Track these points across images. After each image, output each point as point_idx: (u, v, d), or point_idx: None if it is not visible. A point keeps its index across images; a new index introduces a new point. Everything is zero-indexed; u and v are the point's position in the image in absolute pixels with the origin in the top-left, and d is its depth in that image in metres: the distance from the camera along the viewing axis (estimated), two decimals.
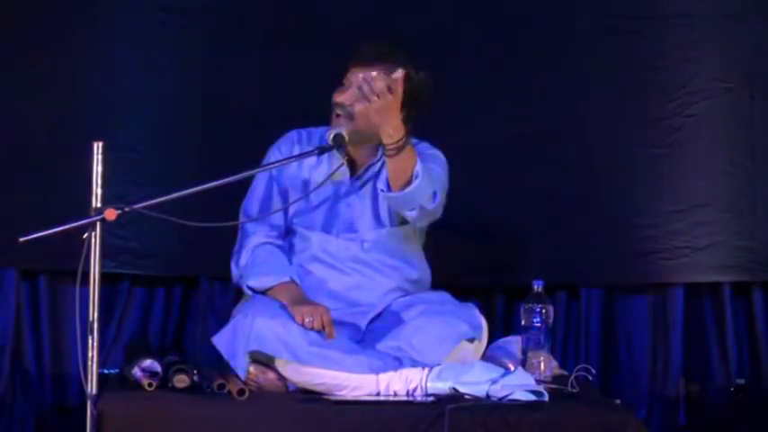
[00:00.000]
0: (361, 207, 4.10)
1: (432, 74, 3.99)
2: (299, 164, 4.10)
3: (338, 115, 4.00)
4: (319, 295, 4.01)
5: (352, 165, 4.09)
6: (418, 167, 3.84)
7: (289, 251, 4.13)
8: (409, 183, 3.84)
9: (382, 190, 3.94)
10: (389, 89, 3.78)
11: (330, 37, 4.59)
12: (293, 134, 4.16)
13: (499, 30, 4.69)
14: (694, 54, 4.68)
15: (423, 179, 3.84)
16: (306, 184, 4.10)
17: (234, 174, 3.94)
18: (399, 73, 3.81)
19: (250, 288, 4.04)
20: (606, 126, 4.71)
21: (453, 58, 4.63)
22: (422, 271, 4.19)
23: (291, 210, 4.12)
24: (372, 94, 3.75)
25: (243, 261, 4.09)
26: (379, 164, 4.08)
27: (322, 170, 4.07)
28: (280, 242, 4.13)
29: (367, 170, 4.10)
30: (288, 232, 4.14)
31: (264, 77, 4.63)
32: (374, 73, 3.86)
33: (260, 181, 4.14)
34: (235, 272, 4.11)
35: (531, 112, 4.69)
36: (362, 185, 4.10)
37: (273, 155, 4.11)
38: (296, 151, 4.07)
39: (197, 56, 4.67)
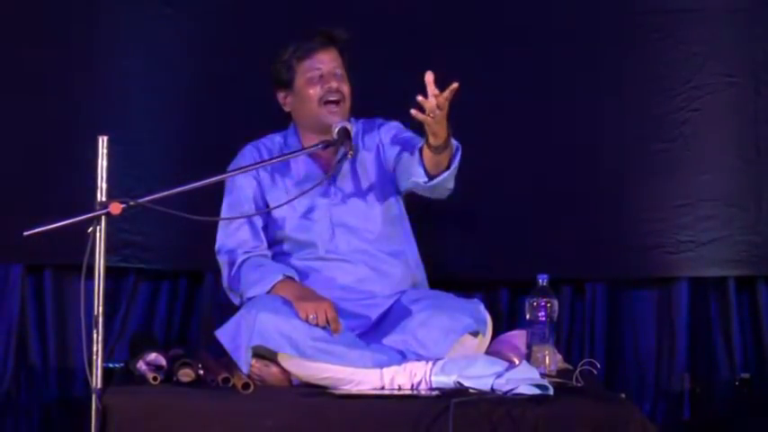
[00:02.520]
0: (348, 201, 4.11)
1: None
2: (281, 179, 4.12)
3: (337, 102, 4.05)
4: (332, 289, 4.01)
5: (326, 166, 4.11)
6: (454, 144, 3.84)
7: (286, 258, 4.12)
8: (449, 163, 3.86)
9: (426, 182, 3.90)
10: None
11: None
12: (250, 148, 4.18)
13: (506, 26, 4.69)
14: (700, 49, 4.68)
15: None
16: (288, 193, 4.11)
17: (240, 168, 3.95)
18: (455, 85, 3.66)
19: (250, 299, 4.01)
20: (611, 120, 4.71)
21: (459, 55, 4.63)
22: (414, 247, 4.20)
23: (280, 219, 4.11)
24: (436, 109, 3.66)
25: (233, 275, 4.07)
26: (347, 158, 4.09)
27: (298, 177, 4.11)
28: (265, 253, 4.12)
29: (338, 166, 4.10)
30: (279, 242, 4.14)
31: (269, 73, 4.62)
32: (435, 91, 3.65)
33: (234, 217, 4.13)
34: (234, 297, 4.09)
35: (535, 107, 4.69)
36: (341, 181, 4.12)
37: (238, 178, 4.10)
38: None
39: (202, 51, 4.67)
